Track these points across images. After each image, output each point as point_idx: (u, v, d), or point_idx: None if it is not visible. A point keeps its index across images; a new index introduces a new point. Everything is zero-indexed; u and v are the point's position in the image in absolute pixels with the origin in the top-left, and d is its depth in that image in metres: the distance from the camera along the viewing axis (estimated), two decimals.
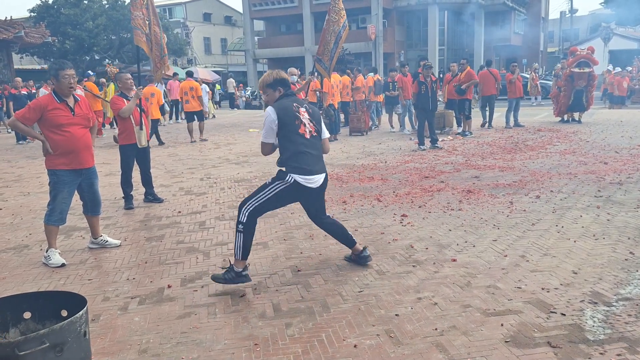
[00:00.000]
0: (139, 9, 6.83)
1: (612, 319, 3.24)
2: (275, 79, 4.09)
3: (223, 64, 48.87)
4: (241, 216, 3.91)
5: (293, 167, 3.93)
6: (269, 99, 4.14)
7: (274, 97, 4.10)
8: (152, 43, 6.97)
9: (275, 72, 4.15)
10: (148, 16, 6.87)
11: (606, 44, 33.14)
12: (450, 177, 7.62)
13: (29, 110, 4.54)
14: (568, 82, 13.81)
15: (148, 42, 6.96)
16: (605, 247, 4.50)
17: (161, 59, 7.17)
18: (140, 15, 6.82)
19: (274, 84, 4.09)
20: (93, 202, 4.96)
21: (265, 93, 4.14)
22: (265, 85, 4.11)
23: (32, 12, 31.70)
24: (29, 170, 9.90)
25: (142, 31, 6.85)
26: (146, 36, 6.92)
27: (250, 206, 3.92)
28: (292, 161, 3.94)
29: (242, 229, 3.91)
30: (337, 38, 9.85)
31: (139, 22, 6.82)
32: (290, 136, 3.95)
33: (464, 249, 4.60)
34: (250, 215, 3.91)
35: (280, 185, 3.96)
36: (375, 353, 3.00)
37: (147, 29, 6.89)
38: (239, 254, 3.92)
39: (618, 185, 6.68)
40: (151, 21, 6.90)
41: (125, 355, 3.11)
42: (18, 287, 4.20)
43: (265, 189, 3.98)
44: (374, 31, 33.10)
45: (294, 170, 3.94)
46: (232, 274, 3.88)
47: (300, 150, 3.95)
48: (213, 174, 8.91)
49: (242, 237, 3.92)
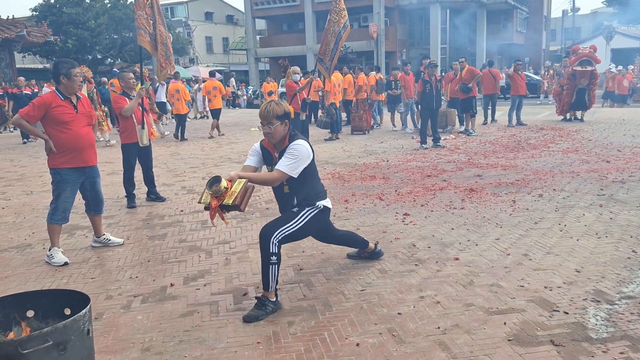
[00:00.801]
0: (142, 9, 6.83)
1: (615, 317, 3.24)
2: (286, 112, 3.61)
3: (225, 63, 48.87)
4: (272, 248, 3.53)
5: (316, 196, 3.81)
6: (274, 132, 3.59)
7: (281, 132, 3.62)
8: (157, 42, 6.97)
9: (285, 103, 3.69)
10: (152, 16, 6.87)
11: (608, 42, 33.06)
12: (453, 176, 7.61)
13: (33, 108, 4.55)
14: (570, 80, 13.78)
15: (152, 41, 6.96)
16: (608, 246, 4.50)
17: (167, 59, 7.18)
18: (143, 14, 6.81)
19: (284, 116, 3.60)
20: (95, 200, 4.97)
21: (272, 125, 3.57)
22: (275, 116, 3.56)
23: (34, 11, 31.75)
24: (32, 169, 9.91)
25: (145, 31, 6.85)
26: (150, 36, 6.91)
27: (281, 235, 3.59)
28: (315, 191, 3.81)
29: (275, 261, 3.55)
30: (337, 38, 9.84)
31: (142, 21, 6.82)
32: (314, 170, 3.81)
33: (467, 248, 4.59)
34: (280, 245, 3.60)
35: (311, 211, 3.76)
36: (377, 351, 3.00)
37: (150, 28, 6.88)
38: (273, 285, 3.58)
39: (620, 184, 6.67)
40: (156, 20, 6.90)
41: (128, 353, 3.11)
42: (21, 285, 4.21)
43: (294, 217, 3.70)
44: (375, 30, 33.07)
45: (319, 198, 3.82)
46: (271, 306, 3.55)
47: (318, 180, 3.89)
48: (215, 172, 8.90)
49: (276, 268, 3.57)
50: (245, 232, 5.38)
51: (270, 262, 3.55)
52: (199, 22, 47.44)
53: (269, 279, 3.56)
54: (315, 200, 3.79)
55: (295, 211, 3.75)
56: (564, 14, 45.97)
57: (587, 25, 50.42)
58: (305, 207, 3.76)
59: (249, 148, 11.80)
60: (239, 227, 5.60)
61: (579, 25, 49.84)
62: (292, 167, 3.57)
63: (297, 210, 3.75)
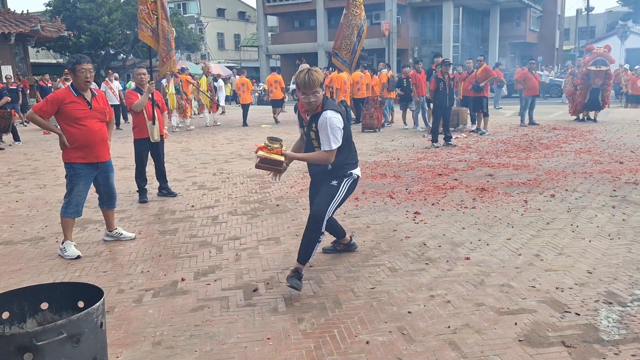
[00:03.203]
0: (144, 3, 6.85)
1: (627, 320, 3.21)
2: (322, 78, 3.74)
3: (236, 60, 48.97)
4: (323, 227, 3.78)
5: (351, 164, 3.92)
6: (319, 100, 3.71)
7: (321, 98, 3.74)
8: (160, 37, 6.98)
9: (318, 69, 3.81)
10: (156, 10, 6.88)
11: (623, 42, 32.66)
12: (464, 175, 7.58)
13: (47, 103, 4.59)
14: (584, 80, 13.65)
15: (155, 36, 6.97)
16: (620, 247, 4.46)
17: (167, 53, 7.18)
18: (145, 9, 6.83)
19: (322, 82, 3.74)
20: (109, 195, 5.01)
21: (317, 93, 3.67)
22: (320, 84, 3.66)
23: (48, 6, 31.97)
24: (45, 163, 10.00)
25: (146, 25, 6.87)
26: (152, 30, 6.93)
27: (330, 212, 3.80)
28: (350, 159, 3.92)
29: (321, 240, 3.83)
30: (359, 31, 9.76)
31: (143, 16, 6.84)
32: (349, 138, 3.88)
33: (478, 247, 4.57)
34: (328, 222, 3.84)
35: (348, 182, 3.92)
36: (387, 350, 3.00)
37: (153, 22, 6.89)
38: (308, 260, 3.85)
39: (634, 185, 6.60)
40: (159, 15, 6.91)
41: (139, 346, 3.14)
42: (34, 278, 4.25)
43: (337, 191, 3.85)
44: (387, 27, 32.93)
45: (352, 166, 3.94)
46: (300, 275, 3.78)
47: (352, 149, 3.97)
48: (226, 169, 8.94)
49: (319, 246, 3.86)
50: (255, 229, 5.40)
51: (318, 241, 3.79)
52: (211, 19, 47.55)
53: (310, 255, 3.81)
54: (350, 169, 3.90)
55: (335, 184, 3.85)
56: (578, 12, 45.52)
57: (602, 24, 49.91)
58: (343, 178, 3.88)
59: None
60: (249, 223, 5.62)
61: (593, 24, 49.30)
62: (333, 140, 3.68)
63: (337, 183, 3.86)
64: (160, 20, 6.95)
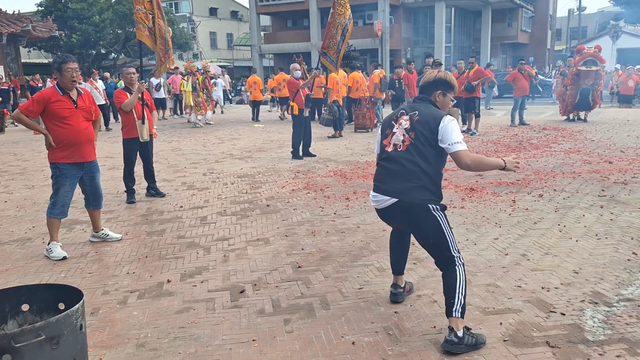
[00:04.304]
0: (140, 3, 6.82)
1: (613, 320, 3.22)
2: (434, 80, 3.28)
3: (229, 59, 48.85)
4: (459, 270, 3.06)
5: None
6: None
7: None
8: (157, 37, 6.96)
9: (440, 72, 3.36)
10: (152, 9, 6.86)
11: (614, 42, 32.88)
12: (453, 175, 7.59)
13: (32, 102, 4.56)
14: (574, 80, 13.71)
15: (152, 35, 6.95)
16: (607, 247, 4.47)
17: (166, 53, 7.17)
18: (142, 9, 6.80)
19: None
20: (94, 195, 4.97)
21: None
22: None
23: (39, 6, 31.78)
24: (34, 163, 9.93)
25: (143, 25, 6.84)
26: (149, 30, 6.90)
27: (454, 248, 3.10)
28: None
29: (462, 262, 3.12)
30: (343, 30, 9.76)
31: (140, 15, 6.81)
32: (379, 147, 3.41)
33: (465, 247, 4.57)
34: None
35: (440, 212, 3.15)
36: (372, 350, 2.99)
37: (149, 22, 6.87)
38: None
39: (622, 185, 6.63)
40: (155, 14, 6.89)
41: (123, 349, 3.12)
42: (20, 279, 4.21)
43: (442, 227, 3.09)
44: (380, 27, 32.97)
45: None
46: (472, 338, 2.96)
47: (379, 164, 3.39)
48: (216, 169, 8.91)
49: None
50: (244, 229, 5.38)
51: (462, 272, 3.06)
52: (204, 18, 47.40)
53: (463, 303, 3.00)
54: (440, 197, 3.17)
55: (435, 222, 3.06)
56: (570, 12, 45.76)
57: (594, 24, 50.21)
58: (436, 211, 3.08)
59: (251, 144, 11.85)
60: (238, 223, 5.60)
61: (585, 24, 49.59)
62: None
63: (435, 218, 3.06)
64: (156, 20, 6.92)
